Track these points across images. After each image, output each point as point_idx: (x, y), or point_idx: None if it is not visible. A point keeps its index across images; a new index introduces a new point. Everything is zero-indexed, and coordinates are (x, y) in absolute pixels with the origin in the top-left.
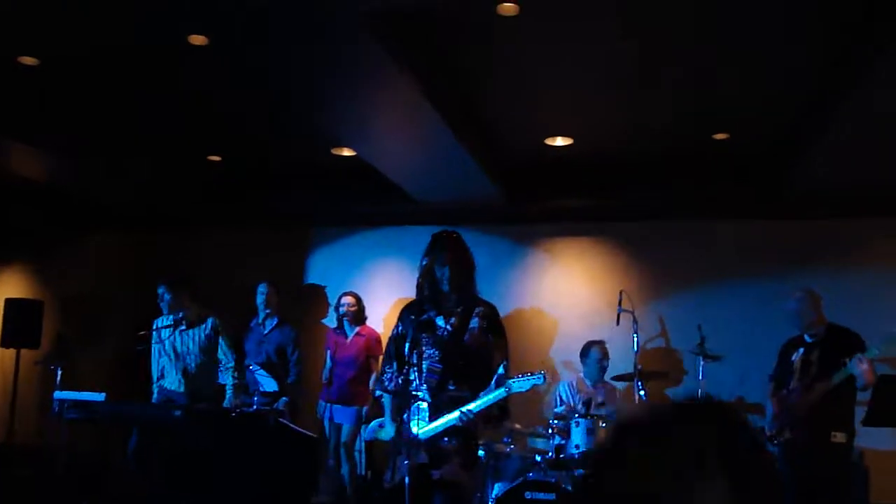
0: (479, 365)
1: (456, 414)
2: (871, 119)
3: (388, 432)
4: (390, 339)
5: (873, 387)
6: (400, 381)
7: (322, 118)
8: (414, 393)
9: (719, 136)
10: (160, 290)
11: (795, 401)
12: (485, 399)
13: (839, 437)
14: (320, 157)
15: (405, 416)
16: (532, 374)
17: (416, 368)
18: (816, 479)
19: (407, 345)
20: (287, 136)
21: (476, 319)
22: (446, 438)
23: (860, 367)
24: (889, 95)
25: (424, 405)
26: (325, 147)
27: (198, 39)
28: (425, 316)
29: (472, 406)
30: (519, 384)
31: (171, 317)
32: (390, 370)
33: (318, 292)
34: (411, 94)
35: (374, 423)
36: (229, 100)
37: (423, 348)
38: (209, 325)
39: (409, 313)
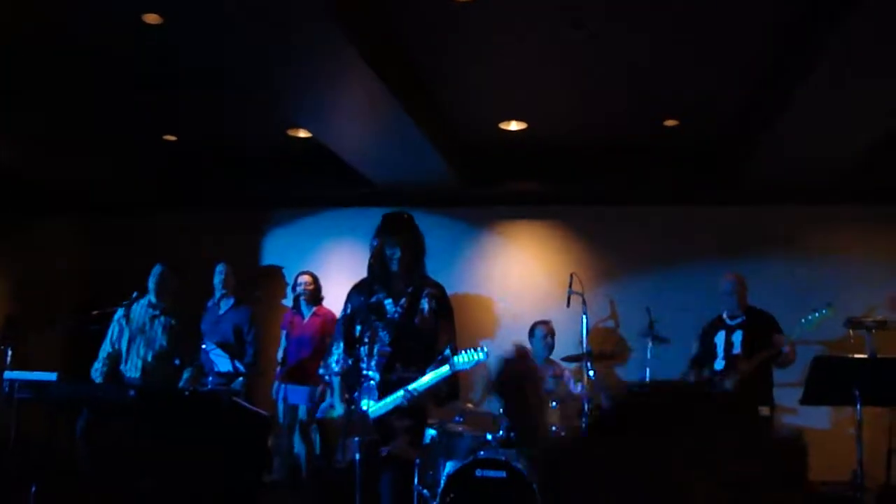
0: (427, 346)
1: (401, 393)
2: (818, 106)
3: (338, 412)
4: (339, 320)
5: (810, 367)
6: (350, 363)
7: (278, 99)
8: (364, 373)
9: (669, 123)
10: (155, 271)
11: (729, 379)
12: (429, 378)
13: (765, 410)
14: (276, 139)
15: (355, 395)
16: (475, 350)
17: (366, 349)
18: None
19: (358, 327)
20: (243, 117)
21: (425, 301)
22: (396, 417)
23: (786, 347)
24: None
25: (374, 385)
26: (281, 128)
27: (152, 18)
28: (374, 298)
29: (415, 385)
30: (462, 361)
31: (145, 300)
32: (337, 351)
33: (275, 273)
34: (366, 77)
35: (324, 404)
36: (184, 80)
37: (374, 330)
38: (180, 324)
39: (358, 294)
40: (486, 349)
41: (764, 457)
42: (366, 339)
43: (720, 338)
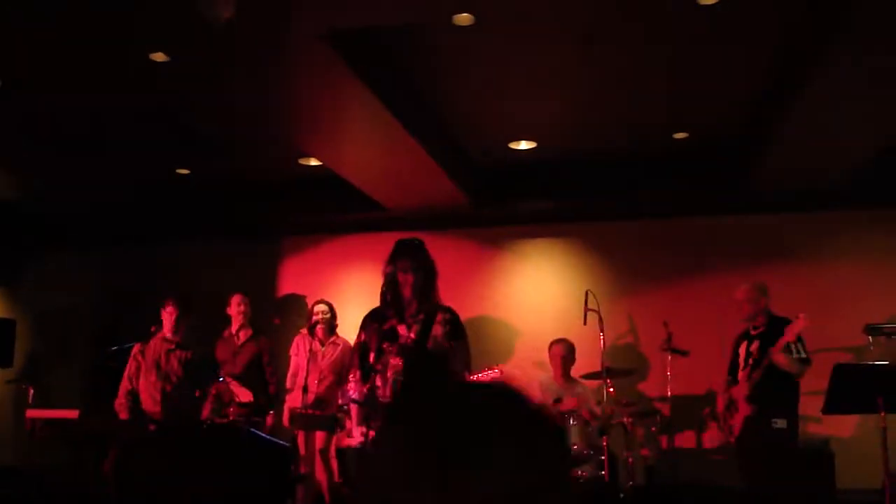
0: (442, 370)
1: None
2: (824, 115)
3: (356, 439)
4: (354, 348)
5: (831, 375)
6: (365, 391)
7: (286, 130)
8: (381, 400)
9: (679, 136)
10: (169, 308)
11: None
12: None
13: (780, 423)
14: (288, 168)
15: (372, 423)
16: (488, 370)
17: (381, 375)
18: (761, 465)
19: (372, 354)
20: (254, 147)
21: (438, 326)
22: None
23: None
24: (840, 93)
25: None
26: (292, 158)
27: (159, 56)
28: (388, 324)
29: None
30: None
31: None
32: (353, 379)
33: (293, 301)
34: (373, 105)
35: (342, 432)
36: (194, 113)
37: (388, 357)
38: (196, 356)
39: (372, 321)
40: (497, 368)
41: None
42: (380, 366)
43: (743, 347)
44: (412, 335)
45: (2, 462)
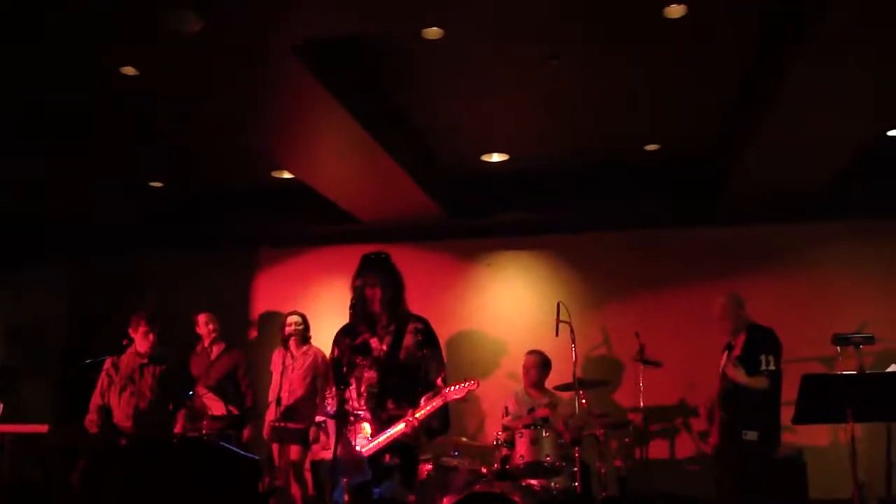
0: (416, 380)
1: (401, 424)
2: (795, 126)
3: (330, 452)
4: (329, 364)
5: (799, 385)
6: (341, 404)
7: (258, 142)
8: (354, 413)
9: (650, 148)
10: (142, 324)
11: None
12: (429, 407)
13: (750, 435)
14: (261, 180)
15: (344, 436)
16: (466, 382)
17: (355, 389)
18: (734, 476)
19: (344, 368)
20: (227, 160)
21: (409, 336)
22: (388, 456)
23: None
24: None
25: (366, 425)
26: (264, 170)
27: (128, 70)
28: (360, 339)
29: (417, 414)
30: (457, 392)
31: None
32: (330, 395)
33: (270, 317)
34: (344, 118)
35: (316, 445)
36: (166, 126)
37: (361, 370)
38: (169, 370)
39: (344, 336)
40: (475, 381)
41: None
42: (352, 380)
43: (724, 357)
44: (384, 347)
45: None
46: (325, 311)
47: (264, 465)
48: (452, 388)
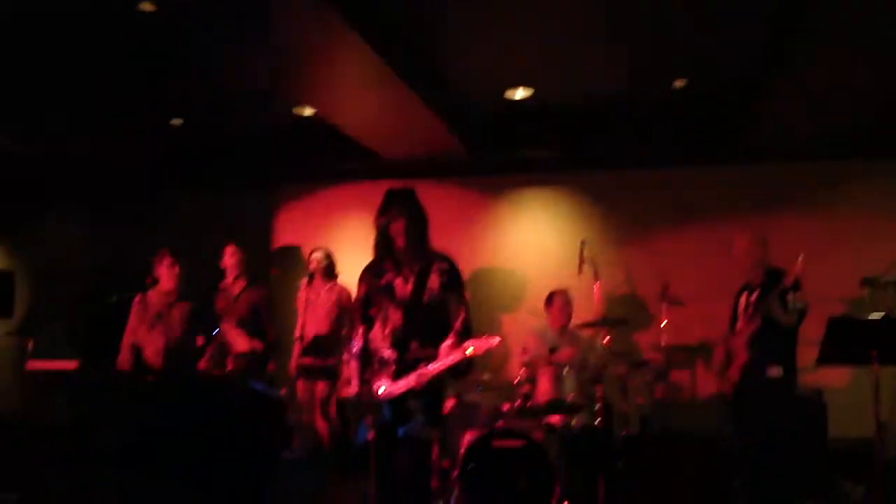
0: (440, 323)
1: (413, 377)
2: (825, 62)
3: (354, 391)
4: (355, 304)
5: (826, 327)
6: (366, 345)
7: (279, 79)
8: (379, 354)
9: (679, 83)
10: (166, 262)
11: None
12: (442, 363)
13: (774, 371)
14: (282, 117)
15: (370, 376)
16: (488, 337)
17: (380, 330)
18: (755, 413)
19: (371, 309)
20: (247, 97)
21: (434, 276)
22: (412, 396)
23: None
24: (841, 39)
25: (389, 365)
26: (286, 107)
27: (147, 6)
28: (384, 279)
29: (429, 368)
30: (477, 346)
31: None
32: (357, 336)
33: (290, 251)
34: (364, 53)
35: (342, 382)
36: (186, 63)
37: (386, 311)
38: (195, 308)
39: (369, 275)
40: (497, 337)
41: None
42: (378, 321)
43: (743, 299)
44: (409, 288)
45: (3, 413)
46: (349, 248)
47: (289, 401)
48: (471, 346)
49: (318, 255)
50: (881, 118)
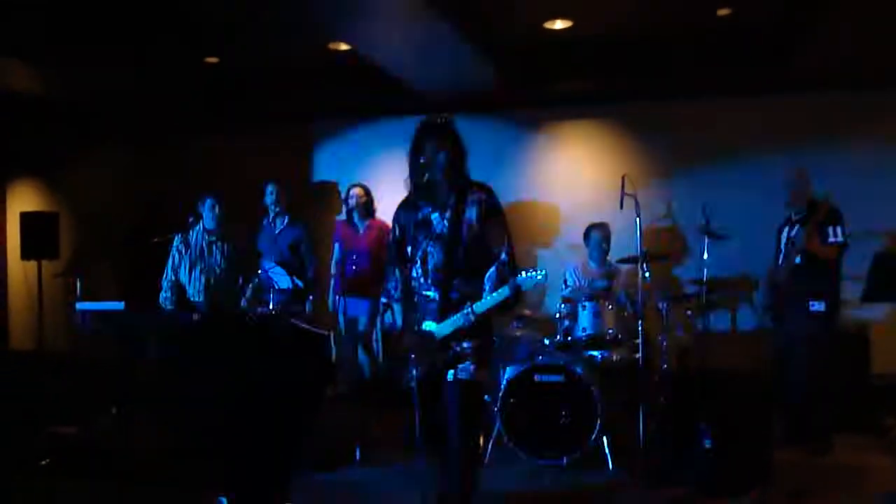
0: (482, 256)
1: (462, 314)
2: None
3: (399, 328)
4: (390, 244)
5: (871, 263)
6: (407, 285)
7: (314, 13)
8: (423, 293)
9: (722, 12)
10: (208, 202)
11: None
12: (490, 299)
13: (818, 305)
14: (318, 53)
15: (415, 317)
16: (536, 272)
17: (420, 268)
18: (798, 348)
19: (409, 247)
20: (283, 33)
21: (473, 208)
22: (461, 337)
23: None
24: None
25: (433, 305)
26: (321, 42)
27: None
28: (420, 214)
29: (478, 306)
30: (524, 282)
31: (200, 226)
32: (393, 277)
33: (328, 188)
34: None
35: (387, 317)
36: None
37: (425, 247)
38: (237, 246)
39: (404, 212)
40: (545, 271)
41: None
42: (418, 259)
43: (785, 233)
44: (446, 221)
45: (55, 352)
46: (387, 183)
47: (330, 337)
48: (522, 279)
49: (357, 191)
50: None
